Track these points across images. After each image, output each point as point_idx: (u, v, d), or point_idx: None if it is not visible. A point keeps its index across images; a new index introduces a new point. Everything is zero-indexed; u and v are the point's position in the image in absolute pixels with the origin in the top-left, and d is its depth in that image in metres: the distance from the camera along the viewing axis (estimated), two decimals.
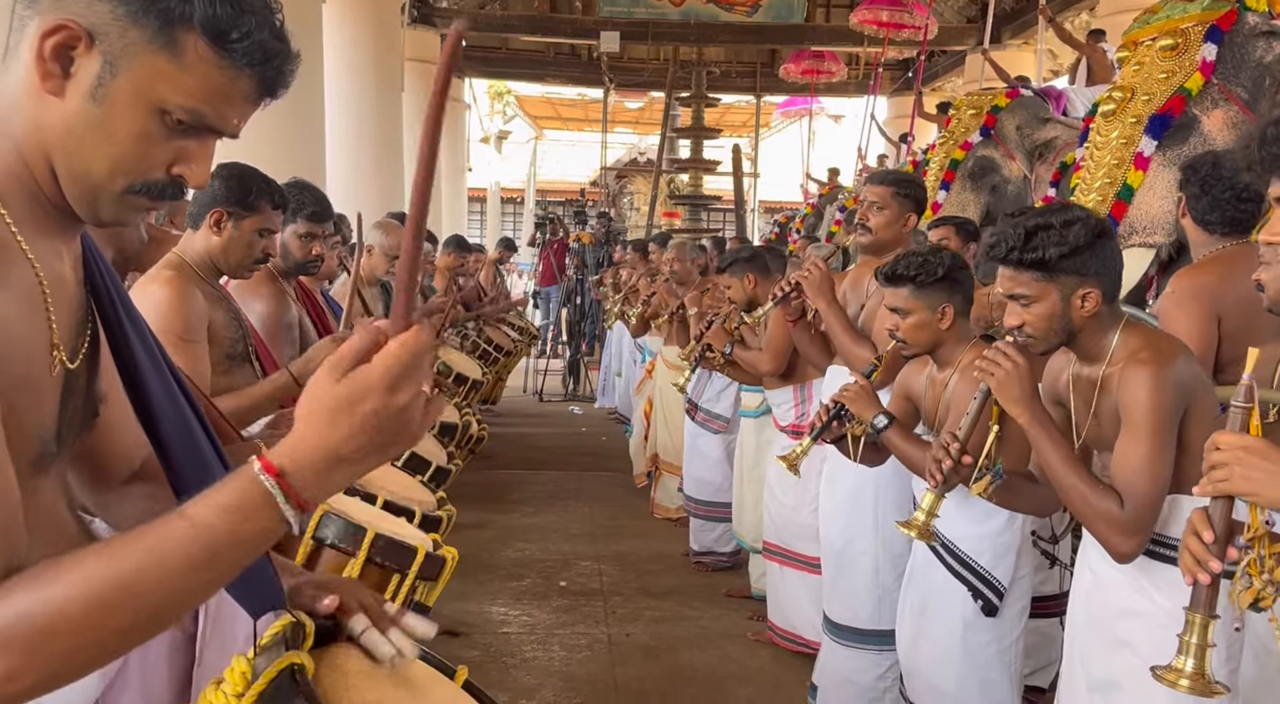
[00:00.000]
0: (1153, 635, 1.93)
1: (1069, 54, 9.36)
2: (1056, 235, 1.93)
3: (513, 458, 7.58)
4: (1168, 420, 1.87)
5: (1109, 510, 1.87)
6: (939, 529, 2.57)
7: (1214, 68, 3.60)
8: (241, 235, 2.43)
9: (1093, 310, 1.96)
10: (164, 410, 1.13)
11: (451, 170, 16.07)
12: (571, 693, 3.59)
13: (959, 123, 5.88)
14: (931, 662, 2.62)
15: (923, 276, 2.52)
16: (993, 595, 2.51)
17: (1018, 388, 1.94)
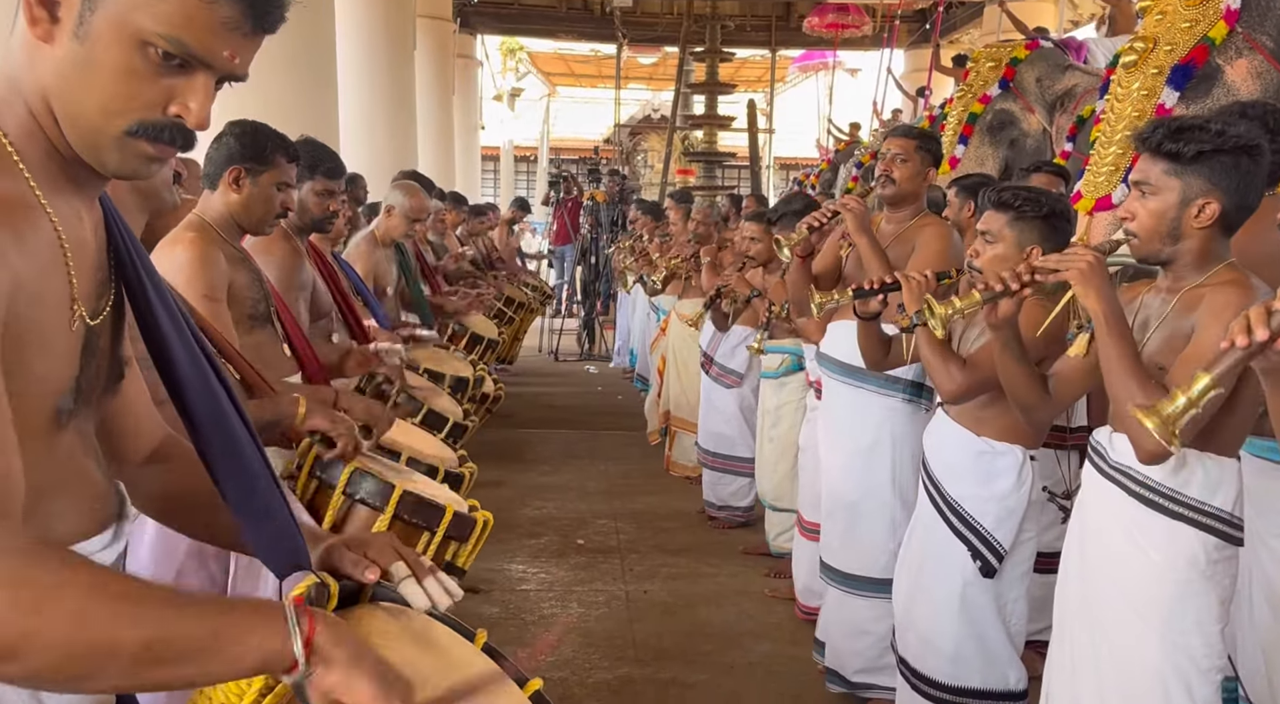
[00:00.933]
0: (1145, 587, 1.95)
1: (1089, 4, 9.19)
2: (1204, 135, 1.91)
3: (529, 417, 7.62)
4: None
5: None
6: (945, 488, 2.59)
7: (1239, 16, 3.52)
8: (260, 191, 2.42)
9: (1206, 223, 1.92)
10: (189, 377, 1.13)
11: (464, 128, 15.98)
12: (590, 649, 3.63)
13: (977, 76, 5.79)
14: (928, 618, 2.64)
15: (1029, 209, 2.46)
16: (992, 557, 2.52)
17: (1098, 279, 1.91)
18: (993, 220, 2.49)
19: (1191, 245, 1.95)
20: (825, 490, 3.37)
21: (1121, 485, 2.00)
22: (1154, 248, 1.97)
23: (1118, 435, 2.02)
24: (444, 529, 1.91)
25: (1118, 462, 2.02)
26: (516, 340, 7.90)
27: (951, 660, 2.60)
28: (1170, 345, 1.95)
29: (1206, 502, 1.92)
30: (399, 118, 10.12)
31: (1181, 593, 1.93)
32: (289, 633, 0.91)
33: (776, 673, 3.50)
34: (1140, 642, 1.96)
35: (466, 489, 2.41)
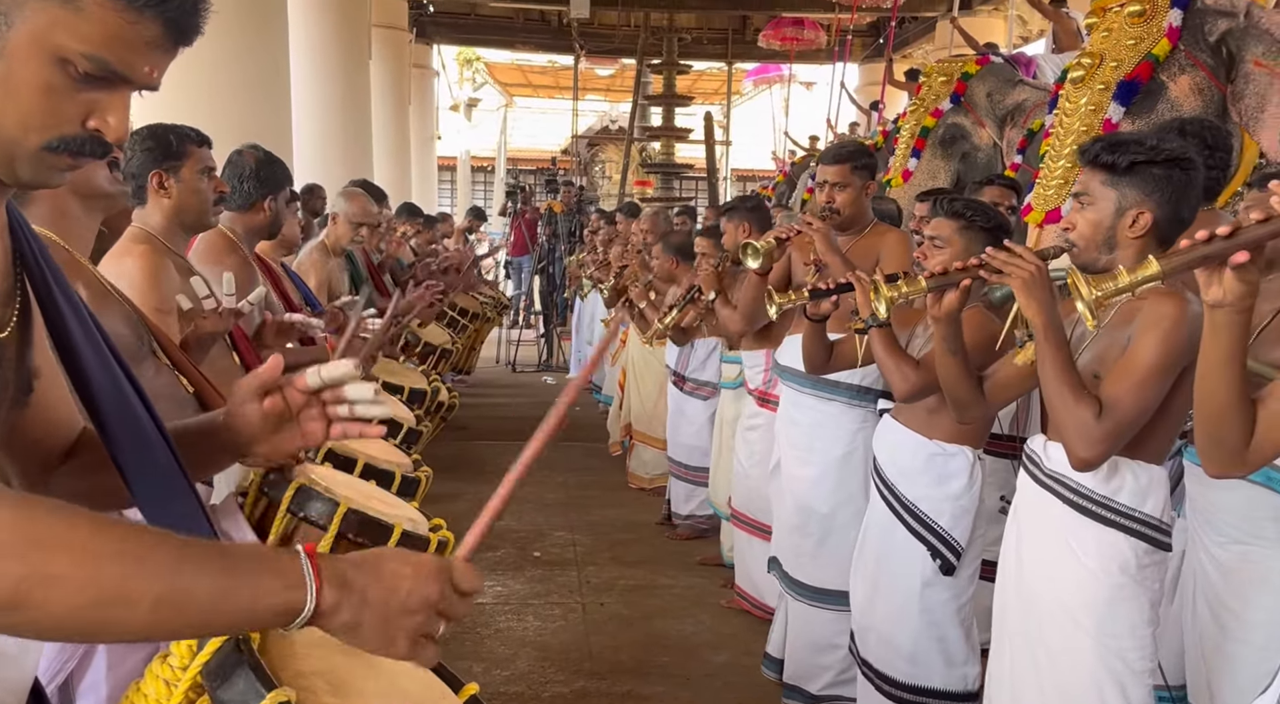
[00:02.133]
0: (1078, 592, 2.00)
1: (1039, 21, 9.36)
2: (1139, 148, 1.97)
3: (486, 429, 7.57)
4: (1175, 357, 1.90)
5: (1085, 417, 1.90)
6: (901, 491, 2.63)
7: (1180, 34, 3.61)
8: (187, 185, 2.40)
9: (1140, 232, 1.97)
10: (100, 383, 1.12)
11: (420, 139, 15.90)
12: (546, 663, 3.61)
13: (929, 90, 5.87)
14: (888, 620, 2.68)
15: (978, 219, 2.54)
16: (951, 555, 2.57)
17: (1040, 290, 1.95)
18: (943, 226, 2.56)
19: (1128, 255, 1.99)
20: (793, 504, 3.37)
21: (1055, 493, 2.04)
22: (1092, 256, 2.02)
23: (1053, 444, 2.06)
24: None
25: (1052, 469, 2.06)
26: (473, 351, 7.86)
27: (911, 660, 2.65)
28: (1107, 355, 1.99)
29: (1137, 508, 1.97)
30: (354, 128, 10.05)
31: (1113, 597, 1.98)
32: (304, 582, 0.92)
33: (733, 684, 3.51)
34: (1076, 646, 2.00)
35: (422, 494, 2.39)
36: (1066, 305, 2.20)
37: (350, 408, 1.26)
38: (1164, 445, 2.04)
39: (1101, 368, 1.99)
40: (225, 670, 0.99)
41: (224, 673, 0.99)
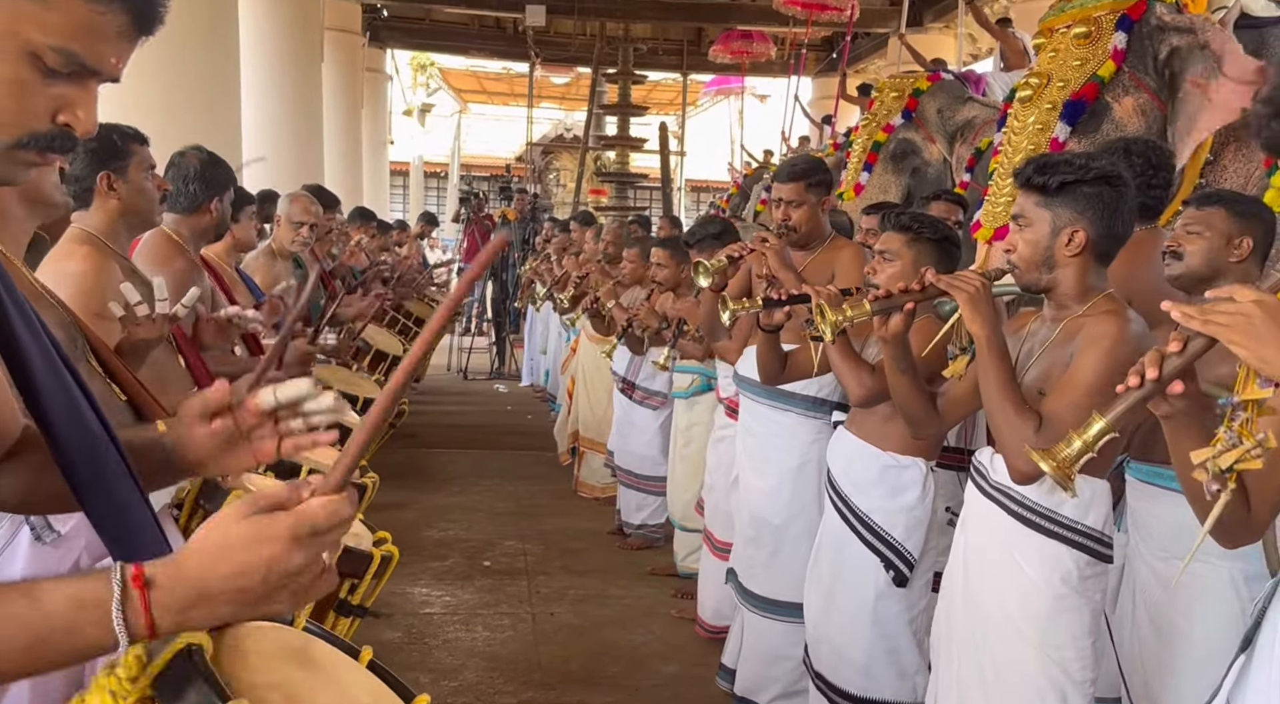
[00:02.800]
0: (1022, 603, 2.03)
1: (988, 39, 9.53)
2: (1067, 168, 2.02)
3: (436, 437, 7.51)
4: (1116, 374, 1.91)
5: (1024, 432, 1.93)
6: (854, 502, 2.65)
7: (1124, 55, 3.69)
8: (135, 184, 2.39)
9: (1076, 250, 2.02)
10: (46, 385, 1.10)
11: (373, 143, 15.76)
12: (494, 673, 3.58)
13: (881, 105, 5.95)
14: (841, 631, 2.69)
15: (926, 232, 2.58)
16: (904, 566, 2.59)
17: (985, 306, 1.99)
18: (892, 240, 2.59)
19: (1068, 274, 2.04)
20: (748, 515, 3.37)
21: (1001, 505, 2.08)
22: (1033, 276, 2.06)
23: (998, 456, 2.09)
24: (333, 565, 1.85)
25: (998, 482, 2.09)
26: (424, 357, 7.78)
27: (863, 672, 2.66)
28: (1050, 372, 2.03)
29: (1079, 521, 2.01)
30: (305, 131, 9.94)
31: (1055, 608, 2.01)
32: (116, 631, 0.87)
33: (682, 695, 3.50)
34: (1019, 656, 2.04)
35: (368, 501, 2.38)
36: (1012, 323, 2.24)
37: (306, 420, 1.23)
38: (1105, 459, 2.07)
39: (1047, 385, 2.03)
40: (178, 682, 0.97)
41: (177, 685, 0.97)
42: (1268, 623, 1.41)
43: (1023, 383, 2.05)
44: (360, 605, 1.95)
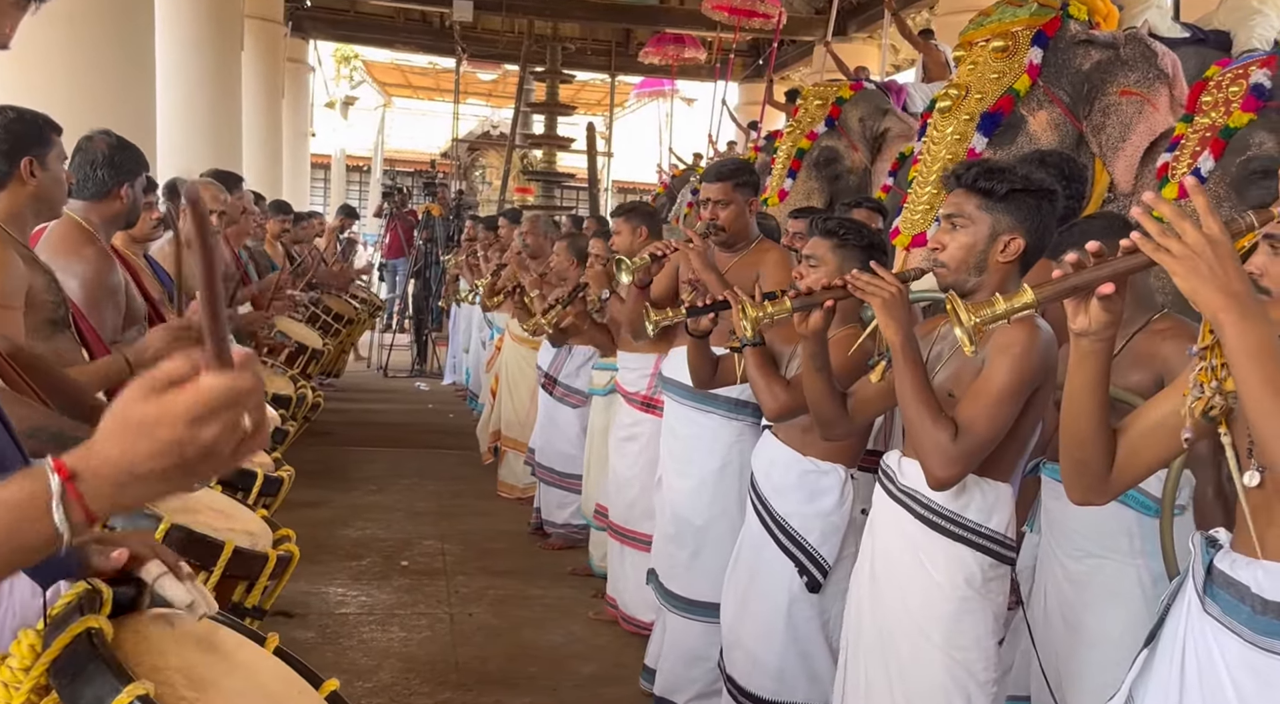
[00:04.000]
0: (927, 605, 2.08)
1: (910, 50, 9.73)
2: (1014, 177, 2.05)
3: (355, 435, 7.39)
4: (1027, 380, 1.98)
5: (941, 439, 1.97)
6: (773, 506, 2.67)
7: (1040, 71, 3.80)
8: (53, 172, 2.33)
9: (1010, 257, 2.05)
10: None
11: (294, 135, 15.43)
12: (410, 674, 3.53)
13: (806, 112, 6.02)
14: (755, 635, 2.71)
15: (852, 238, 2.58)
16: (817, 572, 2.61)
17: (899, 310, 2.01)
18: (818, 246, 2.62)
19: (993, 279, 2.08)
20: (670, 515, 3.38)
21: (908, 507, 2.12)
22: (961, 278, 2.09)
23: (907, 460, 2.13)
24: (222, 568, 1.80)
25: (905, 485, 2.13)
26: (343, 353, 7.68)
27: (776, 677, 2.67)
28: (961, 375, 2.07)
29: (983, 524, 2.06)
30: (223, 120, 9.69)
31: (959, 610, 2.06)
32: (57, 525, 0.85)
33: (601, 695, 3.50)
34: (924, 657, 2.08)
35: (284, 494, 2.34)
36: (924, 326, 2.29)
37: None
38: (1011, 464, 2.13)
39: (956, 388, 2.07)
40: (75, 667, 0.94)
41: (74, 669, 0.94)
42: (1171, 619, 1.46)
43: (935, 387, 2.09)
44: (258, 607, 1.90)
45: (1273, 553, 1.31)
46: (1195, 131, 3.48)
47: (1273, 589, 1.29)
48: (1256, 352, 1.17)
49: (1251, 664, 1.30)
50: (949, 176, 2.15)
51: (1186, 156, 3.47)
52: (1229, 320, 1.18)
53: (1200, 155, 3.41)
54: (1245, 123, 3.31)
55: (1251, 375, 1.17)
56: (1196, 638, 1.38)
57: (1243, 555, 1.35)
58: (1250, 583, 1.31)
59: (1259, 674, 1.29)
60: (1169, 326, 2.27)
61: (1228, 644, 1.33)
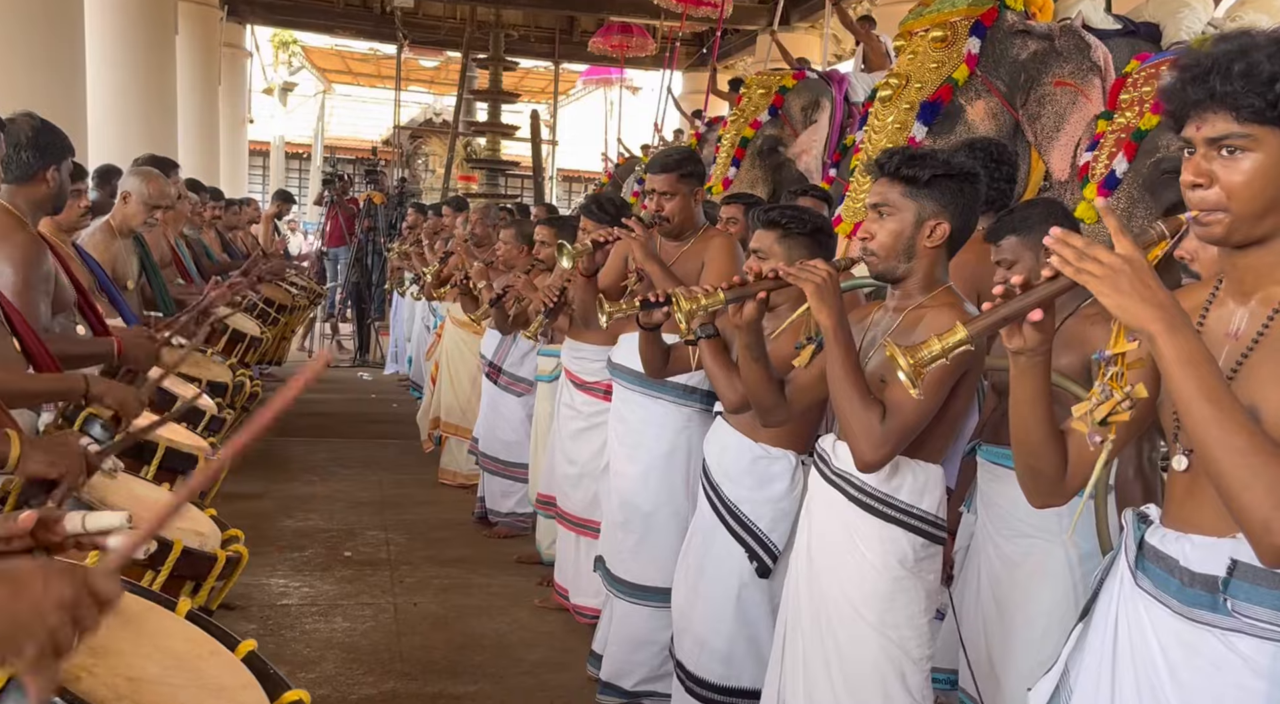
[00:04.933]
0: (862, 585, 2.11)
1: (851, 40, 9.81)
2: (935, 162, 2.08)
3: (296, 425, 7.29)
4: (954, 366, 2.01)
5: (870, 421, 2.00)
6: (724, 492, 2.68)
7: (978, 60, 3.86)
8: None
9: (937, 242, 2.09)
10: None
11: (231, 122, 15.14)
12: (354, 664, 3.51)
13: (749, 101, 6.05)
14: (705, 620, 2.72)
15: (795, 226, 2.58)
16: (767, 557, 2.63)
17: (831, 296, 2.03)
18: (763, 238, 2.62)
19: (922, 264, 2.12)
20: (618, 501, 3.38)
21: (842, 490, 2.15)
22: (891, 265, 2.13)
23: (840, 444, 2.17)
24: (170, 567, 1.78)
25: (839, 468, 2.17)
26: (284, 340, 7.58)
27: (725, 661, 2.69)
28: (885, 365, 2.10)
29: (915, 505, 2.10)
30: (157, 106, 9.47)
31: (893, 590, 2.10)
32: None
33: (547, 682, 3.51)
34: (860, 637, 2.12)
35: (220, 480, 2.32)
36: (857, 313, 2.31)
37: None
38: (941, 446, 2.17)
39: (888, 374, 2.10)
40: None
41: None
42: (1104, 593, 1.50)
43: (865, 370, 2.12)
44: (204, 608, 1.88)
45: (1200, 528, 1.36)
46: (1113, 131, 3.57)
47: (1200, 562, 1.33)
48: (1187, 360, 1.21)
49: (1179, 635, 1.34)
50: (873, 165, 2.18)
51: (1105, 156, 3.56)
52: (1158, 331, 1.22)
53: (1116, 156, 3.49)
54: (1155, 124, 3.40)
55: (1187, 382, 1.21)
56: (1129, 611, 1.43)
57: (1172, 531, 1.40)
58: (1179, 557, 1.36)
59: (1186, 644, 1.33)
60: (1099, 311, 2.32)
61: (1158, 616, 1.37)
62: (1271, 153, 1.28)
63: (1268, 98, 1.26)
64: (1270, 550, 1.19)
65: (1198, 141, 1.33)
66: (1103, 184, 3.53)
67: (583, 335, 3.90)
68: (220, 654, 1.22)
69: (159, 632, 1.19)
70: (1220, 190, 1.31)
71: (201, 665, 1.28)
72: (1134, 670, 1.40)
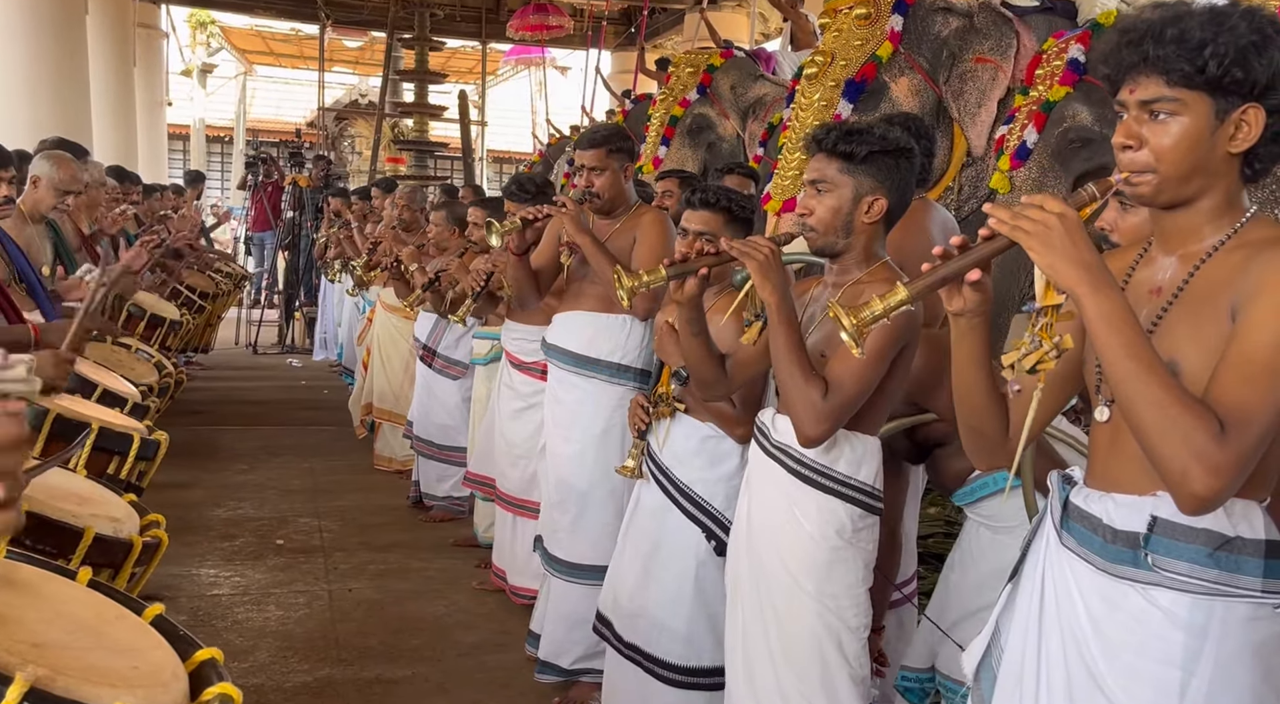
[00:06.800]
0: (800, 555, 2.15)
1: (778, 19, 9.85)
2: (871, 138, 2.10)
3: (225, 413, 7.16)
4: (893, 339, 2.05)
5: (812, 397, 2.03)
6: (675, 475, 2.70)
7: (901, 38, 3.91)
8: None
9: (875, 217, 2.12)
10: None
11: (148, 104, 14.70)
12: (289, 652, 3.47)
13: (678, 80, 6.06)
14: (661, 602, 2.72)
15: (734, 209, 2.61)
16: (724, 534, 2.65)
17: (774, 273, 2.04)
18: (701, 220, 2.63)
19: (860, 240, 2.16)
20: (554, 480, 3.37)
21: (781, 462, 2.19)
22: (830, 240, 2.15)
23: (780, 417, 2.20)
24: (81, 555, 1.74)
25: (778, 440, 2.20)
26: (209, 327, 7.42)
27: (685, 641, 2.69)
28: (834, 336, 2.13)
29: (852, 476, 2.14)
30: (68, 88, 9.15)
31: (831, 559, 2.14)
32: None
33: (485, 663, 3.51)
34: (798, 606, 2.16)
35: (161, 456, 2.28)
36: (797, 288, 2.34)
37: None
38: (879, 419, 2.22)
39: (828, 348, 2.13)
40: None
41: None
42: (1031, 554, 1.56)
43: (808, 349, 2.15)
44: None
45: (1120, 486, 1.41)
46: (1026, 104, 3.66)
47: (1122, 520, 1.38)
48: (1110, 318, 1.26)
49: (1102, 591, 1.40)
50: (810, 141, 2.20)
51: (1018, 129, 3.64)
52: (1085, 292, 1.26)
53: (1026, 128, 3.58)
54: (1062, 96, 3.48)
55: (1110, 339, 1.26)
56: (1054, 570, 1.48)
57: (1095, 490, 1.45)
58: (1101, 515, 1.41)
59: (1108, 599, 1.39)
60: None
61: (1082, 573, 1.43)
62: (1198, 117, 1.33)
63: (1196, 63, 1.30)
64: (1189, 499, 1.25)
65: (1130, 104, 1.37)
66: (1015, 154, 3.62)
67: (519, 316, 3.88)
68: (127, 618, 1.21)
69: (59, 598, 1.18)
70: (1149, 152, 1.35)
71: (107, 629, 1.27)
72: (1059, 626, 1.45)
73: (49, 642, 1.15)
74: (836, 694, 2.16)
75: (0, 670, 1.02)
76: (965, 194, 4.04)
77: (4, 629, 1.05)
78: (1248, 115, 1.32)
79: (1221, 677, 1.31)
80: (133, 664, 1.21)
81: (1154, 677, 1.34)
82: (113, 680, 1.14)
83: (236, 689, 1.27)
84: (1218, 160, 1.35)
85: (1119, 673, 1.36)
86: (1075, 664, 1.41)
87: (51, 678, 1.05)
